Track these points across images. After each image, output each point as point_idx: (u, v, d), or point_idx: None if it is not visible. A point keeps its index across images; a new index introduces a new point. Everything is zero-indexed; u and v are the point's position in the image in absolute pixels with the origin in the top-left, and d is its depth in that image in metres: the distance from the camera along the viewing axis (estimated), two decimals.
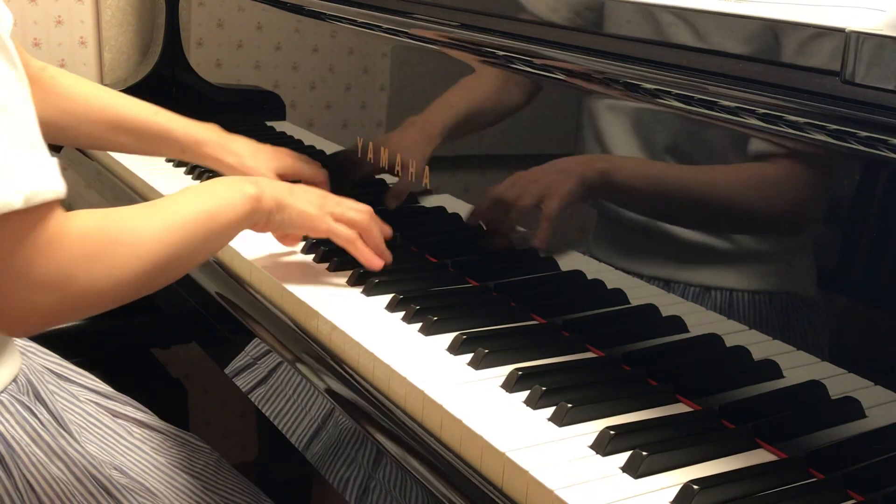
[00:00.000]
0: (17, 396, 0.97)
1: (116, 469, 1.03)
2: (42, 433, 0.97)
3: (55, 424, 1.00)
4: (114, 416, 1.12)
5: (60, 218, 0.81)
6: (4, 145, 0.76)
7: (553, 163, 1.04)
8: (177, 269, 0.96)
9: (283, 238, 1.17)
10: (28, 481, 0.94)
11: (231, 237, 1.03)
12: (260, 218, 1.05)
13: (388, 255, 1.13)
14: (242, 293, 1.16)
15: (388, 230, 1.15)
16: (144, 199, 1.46)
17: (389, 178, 1.27)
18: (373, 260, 1.10)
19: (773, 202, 0.85)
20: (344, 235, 1.09)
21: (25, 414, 0.96)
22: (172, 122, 1.28)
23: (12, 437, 0.95)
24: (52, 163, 0.80)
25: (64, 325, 1.53)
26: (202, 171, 1.50)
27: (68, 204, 0.84)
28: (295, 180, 1.26)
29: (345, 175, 1.37)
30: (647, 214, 0.97)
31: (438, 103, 1.18)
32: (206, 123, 1.31)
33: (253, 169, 1.27)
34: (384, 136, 1.27)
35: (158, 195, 1.39)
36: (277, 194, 1.06)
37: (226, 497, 1.14)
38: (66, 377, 1.11)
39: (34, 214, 0.78)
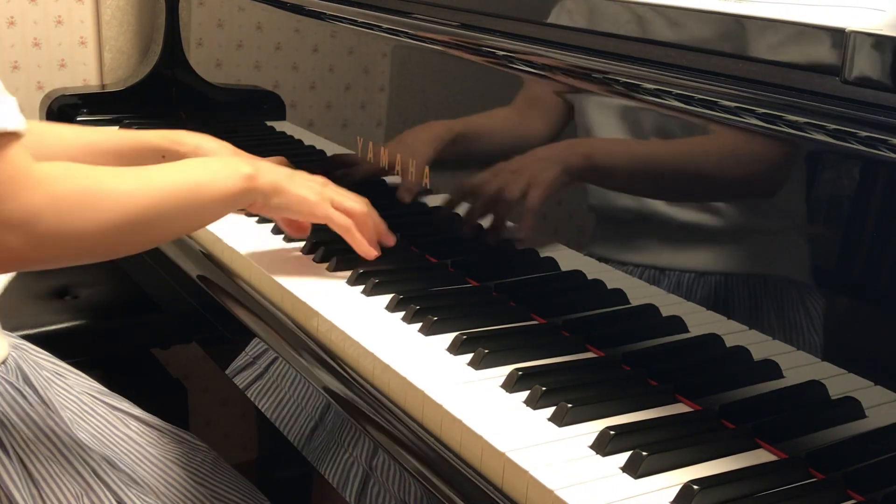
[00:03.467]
0: (6, 377, 0.97)
1: (107, 460, 1.03)
2: (31, 413, 0.97)
3: (44, 407, 0.99)
4: (112, 408, 1.12)
5: (27, 159, 0.81)
6: None
7: (534, 152, 1.05)
8: (153, 232, 0.95)
9: (290, 225, 1.17)
10: (21, 459, 0.94)
11: (220, 212, 1.02)
12: (255, 198, 1.05)
13: (382, 247, 1.14)
14: (242, 293, 1.15)
15: (383, 227, 1.15)
16: None
17: (389, 178, 1.27)
18: (368, 249, 1.11)
19: (773, 202, 0.85)
20: (340, 222, 1.10)
21: (14, 394, 0.96)
22: (143, 133, 1.26)
23: (3, 415, 0.95)
24: (11, 101, 0.81)
25: (63, 325, 1.54)
26: None
27: None
28: None
29: (344, 175, 1.37)
30: (639, 213, 0.97)
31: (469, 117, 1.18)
32: (178, 130, 1.29)
33: None
34: (393, 140, 1.26)
35: None
36: (275, 178, 1.07)
37: (220, 493, 1.14)
38: (61, 374, 1.11)
39: None
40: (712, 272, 0.90)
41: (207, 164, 1.04)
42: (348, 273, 1.12)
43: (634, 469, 0.76)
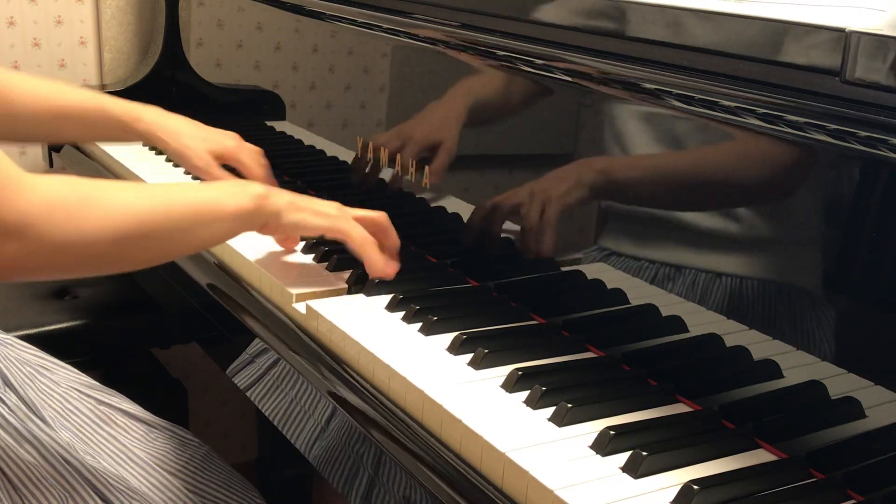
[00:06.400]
0: None
1: (91, 461, 1.03)
2: (9, 417, 0.96)
3: (25, 409, 0.99)
4: (98, 403, 1.11)
5: (14, 166, 0.81)
6: None
7: (550, 173, 1.04)
8: (155, 247, 0.94)
9: (284, 241, 1.17)
10: (0, 467, 0.94)
11: (229, 230, 1.01)
12: (268, 219, 1.03)
13: (397, 265, 1.11)
14: (242, 293, 1.16)
15: (397, 241, 1.14)
16: None
17: (388, 178, 1.27)
18: (385, 268, 1.08)
19: (774, 202, 0.85)
20: (360, 239, 1.07)
21: None
22: (110, 101, 1.25)
23: None
24: None
25: (63, 325, 1.54)
26: None
27: None
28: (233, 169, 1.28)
29: (344, 175, 1.37)
30: (646, 212, 0.97)
31: (446, 99, 1.19)
32: (148, 105, 1.29)
33: (188, 148, 1.26)
34: (397, 131, 1.26)
35: None
36: (290, 197, 1.06)
37: (210, 493, 1.13)
38: (47, 368, 1.11)
39: None
40: (712, 272, 0.90)
41: (217, 184, 1.05)
42: (348, 273, 1.12)
43: (634, 469, 0.76)
